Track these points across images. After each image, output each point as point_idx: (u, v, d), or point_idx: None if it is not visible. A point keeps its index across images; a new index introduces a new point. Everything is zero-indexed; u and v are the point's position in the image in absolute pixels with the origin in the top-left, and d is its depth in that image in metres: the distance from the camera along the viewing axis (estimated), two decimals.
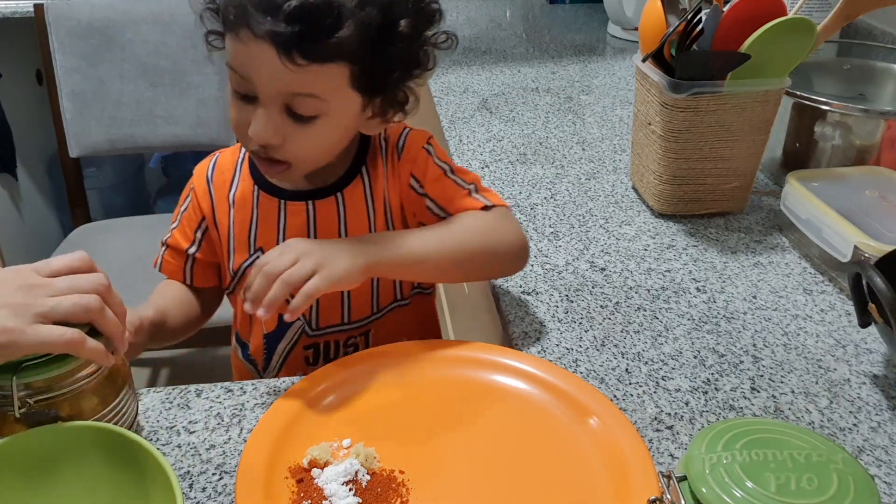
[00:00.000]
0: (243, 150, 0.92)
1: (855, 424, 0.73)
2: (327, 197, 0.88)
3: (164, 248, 0.95)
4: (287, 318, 0.73)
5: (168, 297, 0.92)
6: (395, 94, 0.81)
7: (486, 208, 0.86)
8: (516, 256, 0.87)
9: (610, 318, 0.88)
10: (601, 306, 0.90)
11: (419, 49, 0.80)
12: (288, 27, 0.70)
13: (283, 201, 0.88)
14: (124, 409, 0.67)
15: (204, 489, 0.66)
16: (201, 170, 0.92)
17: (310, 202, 0.88)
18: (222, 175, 0.91)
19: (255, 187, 0.89)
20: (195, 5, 0.80)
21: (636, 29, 1.21)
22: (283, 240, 0.88)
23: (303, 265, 0.73)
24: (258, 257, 0.88)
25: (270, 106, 0.76)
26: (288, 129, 0.77)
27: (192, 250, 0.93)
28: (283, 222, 0.88)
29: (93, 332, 0.63)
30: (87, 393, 0.64)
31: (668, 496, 0.55)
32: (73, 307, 0.61)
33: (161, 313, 0.87)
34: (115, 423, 0.65)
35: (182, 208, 0.94)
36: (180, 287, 0.94)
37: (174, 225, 0.94)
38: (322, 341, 0.92)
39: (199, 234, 0.92)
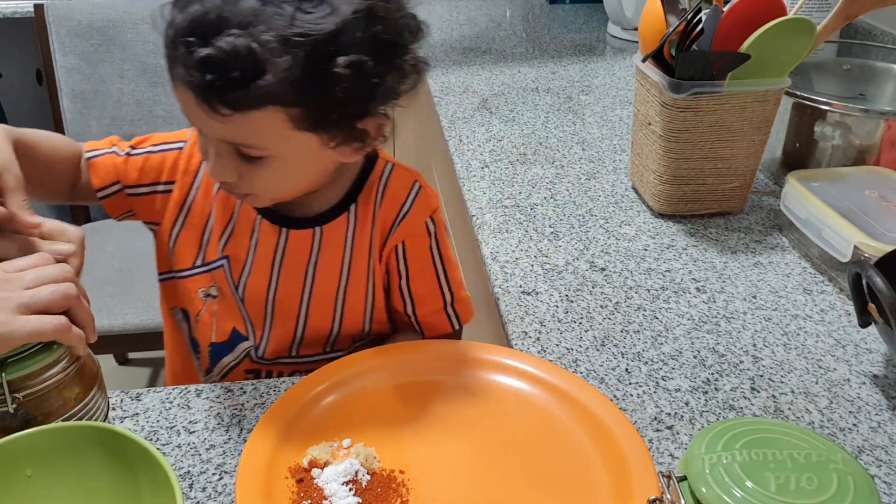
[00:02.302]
0: None
1: (855, 424, 0.73)
2: (305, 228, 0.84)
3: (110, 150, 0.86)
4: None
5: (50, 140, 0.83)
6: (352, 129, 0.74)
7: (450, 332, 0.89)
8: None
9: (610, 318, 0.88)
10: (601, 306, 0.90)
11: (371, 83, 0.71)
12: (202, 77, 0.66)
13: (259, 217, 0.84)
14: (94, 408, 0.67)
15: (204, 489, 0.66)
16: None
17: (284, 229, 0.84)
18: None
19: None
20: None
21: (636, 29, 1.21)
22: (253, 259, 0.85)
23: None
24: (223, 265, 0.85)
25: (220, 147, 0.73)
26: (242, 168, 0.73)
27: (131, 190, 0.86)
28: (256, 240, 0.85)
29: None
30: (56, 391, 0.63)
31: (668, 496, 0.55)
32: (52, 295, 0.61)
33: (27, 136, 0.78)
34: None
35: (155, 148, 0.86)
36: (75, 154, 0.85)
37: (138, 151, 0.86)
38: (265, 369, 0.89)
39: (147, 189, 0.86)
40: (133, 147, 0.87)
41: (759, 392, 0.77)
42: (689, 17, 0.96)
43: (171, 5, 0.69)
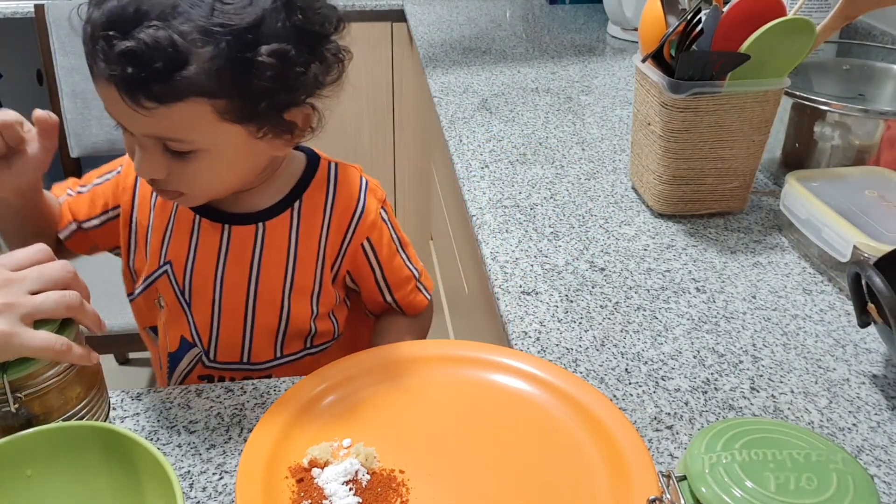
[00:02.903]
0: None
1: (854, 424, 0.73)
2: (247, 224, 0.84)
3: (65, 195, 0.91)
4: None
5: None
6: (280, 120, 0.74)
7: (426, 304, 0.96)
8: None
9: (610, 318, 0.88)
10: (601, 306, 0.90)
11: (295, 72, 0.71)
12: (124, 70, 0.65)
13: (198, 217, 0.84)
14: (95, 408, 0.67)
15: (204, 489, 0.66)
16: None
17: (227, 225, 0.84)
18: None
19: None
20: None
21: (636, 29, 1.22)
22: (195, 258, 0.85)
23: None
24: (166, 270, 0.85)
25: (147, 143, 0.72)
26: (170, 165, 0.73)
27: (86, 224, 0.89)
28: (196, 240, 0.85)
29: (64, 321, 0.64)
30: (58, 391, 0.64)
31: (668, 496, 0.55)
32: (55, 305, 0.61)
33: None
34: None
35: (99, 179, 0.90)
36: (56, 208, 0.90)
37: (83, 189, 0.90)
38: (217, 375, 0.90)
39: (100, 219, 0.90)
40: (82, 185, 0.91)
41: (758, 392, 0.77)
42: (688, 17, 0.96)
43: (86, 3, 0.69)
